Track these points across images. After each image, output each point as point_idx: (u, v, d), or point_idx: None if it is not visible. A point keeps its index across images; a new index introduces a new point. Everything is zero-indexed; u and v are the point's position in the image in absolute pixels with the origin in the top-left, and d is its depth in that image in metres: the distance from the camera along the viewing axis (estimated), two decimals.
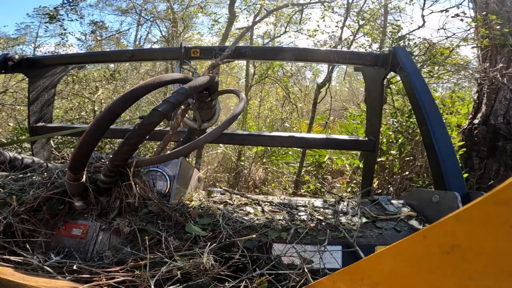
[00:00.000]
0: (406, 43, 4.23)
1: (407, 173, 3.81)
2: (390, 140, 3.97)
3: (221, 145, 5.73)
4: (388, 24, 5.88)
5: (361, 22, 4.93)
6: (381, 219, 1.32)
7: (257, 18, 6.92)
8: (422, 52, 4.11)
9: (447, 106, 4.19)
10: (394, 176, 3.94)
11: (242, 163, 5.86)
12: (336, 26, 5.38)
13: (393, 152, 3.95)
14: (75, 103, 5.93)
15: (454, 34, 4.22)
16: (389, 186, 3.96)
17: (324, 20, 5.52)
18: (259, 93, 8.25)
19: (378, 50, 4.71)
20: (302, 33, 6.95)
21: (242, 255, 1.01)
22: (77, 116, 5.58)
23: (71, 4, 6.98)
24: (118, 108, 1.10)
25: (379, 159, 3.86)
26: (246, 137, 2.57)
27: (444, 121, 1.66)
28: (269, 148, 5.75)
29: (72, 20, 7.19)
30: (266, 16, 6.09)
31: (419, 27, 4.52)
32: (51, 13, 6.77)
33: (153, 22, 8.35)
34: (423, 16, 4.45)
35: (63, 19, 6.89)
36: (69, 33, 9.47)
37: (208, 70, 1.71)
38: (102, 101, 5.79)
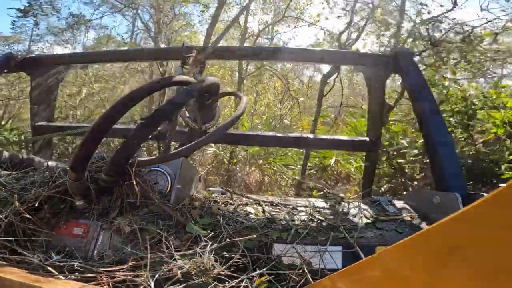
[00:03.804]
0: (435, 27, 3.45)
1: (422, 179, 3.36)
2: (409, 139, 3.47)
3: (212, 145, 5.26)
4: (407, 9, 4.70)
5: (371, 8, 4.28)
6: (381, 220, 1.32)
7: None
8: (458, 39, 3.37)
9: (489, 98, 3.43)
10: (414, 182, 3.46)
11: (235, 166, 5.46)
12: (343, 10, 4.75)
13: (414, 151, 3.48)
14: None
15: (498, 17, 3.46)
16: (405, 192, 3.38)
17: (328, 3, 5.06)
18: (255, 88, 7.64)
19: (391, 39, 4.11)
20: (303, 20, 6.38)
21: (243, 255, 1.01)
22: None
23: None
24: (120, 107, 1.10)
25: (398, 160, 3.47)
26: (241, 137, 2.55)
27: (444, 120, 1.64)
28: (266, 148, 5.27)
29: (47, 15, 6.80)
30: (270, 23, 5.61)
31: (447, 11, 3.63)
32: (25, 8, 6.43)
33: (136, 10, 7.49)
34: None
35: (37, 14, 6.53)
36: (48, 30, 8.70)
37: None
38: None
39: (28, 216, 1.11)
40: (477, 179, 2.90)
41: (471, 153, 3.07)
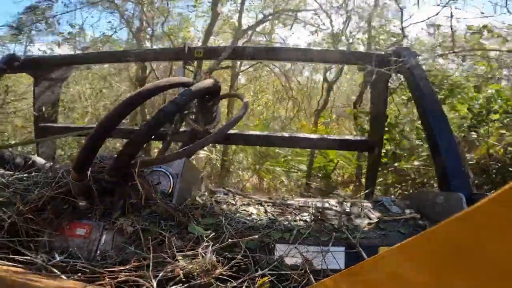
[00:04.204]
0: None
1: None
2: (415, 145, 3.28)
3: (205, 148, 4.96)
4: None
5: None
6: (384, 220, 1.31)
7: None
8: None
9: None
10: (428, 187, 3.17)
11: (230, 173, 5.22)
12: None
13: (408, 158, 3.31)
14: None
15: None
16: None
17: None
18: (251, 85, 7.25)
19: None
20: (299, 19, 6.46)
21: (245, 255, 1.01)
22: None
23: (36, 13, 6.39)
24: (123, 109, 1.11)
25: (404, 166, 3.26)
26: (235, 136, 2.51)
27: (449, 122, 1.62)
28: (266, 152, 5.04)
29: (40, 31, 6.60)
30: (264, 21, 5.71)
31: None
32: (18, 26, 6.27)
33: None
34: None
35: (31, 30, 6.38)
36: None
37: (206, 73, 1.73)
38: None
39: (31, 216, 1.12)
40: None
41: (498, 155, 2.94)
